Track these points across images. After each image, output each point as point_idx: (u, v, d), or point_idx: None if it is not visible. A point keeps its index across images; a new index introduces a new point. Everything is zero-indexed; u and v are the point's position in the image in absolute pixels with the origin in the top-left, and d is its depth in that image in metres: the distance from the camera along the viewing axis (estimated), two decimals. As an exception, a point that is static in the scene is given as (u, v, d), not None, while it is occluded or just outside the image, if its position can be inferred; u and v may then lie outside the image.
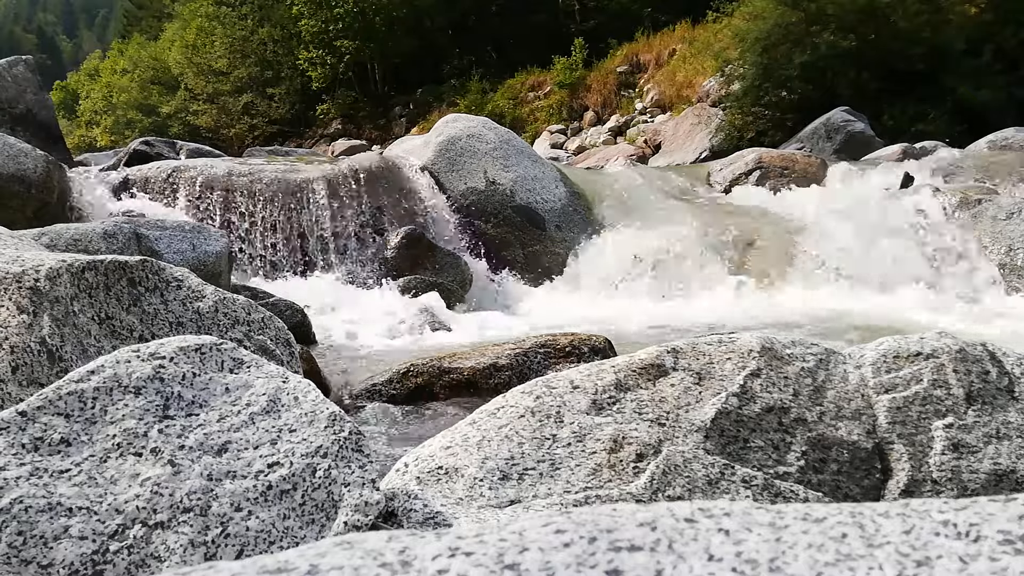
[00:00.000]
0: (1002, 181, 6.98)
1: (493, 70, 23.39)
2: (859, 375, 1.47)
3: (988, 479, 1.35)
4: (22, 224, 4.18)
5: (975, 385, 1.43)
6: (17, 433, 1.12)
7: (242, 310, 2.12)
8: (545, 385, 1.50)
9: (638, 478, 1.32)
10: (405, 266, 5.88)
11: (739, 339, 1.52)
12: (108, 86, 36.89)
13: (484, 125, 7.33)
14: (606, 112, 19.70)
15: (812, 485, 1.35)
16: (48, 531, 1.03)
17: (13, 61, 7.11)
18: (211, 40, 28.21)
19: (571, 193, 7.08)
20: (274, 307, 4.02)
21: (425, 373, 3.07)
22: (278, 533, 1.10)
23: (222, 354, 1.29)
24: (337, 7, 23.66)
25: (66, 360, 1.74)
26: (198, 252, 4.30)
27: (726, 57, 13.95)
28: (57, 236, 3.61)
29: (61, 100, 41.97)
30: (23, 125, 6.77)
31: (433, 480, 1.38)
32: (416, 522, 1.21)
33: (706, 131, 13.42)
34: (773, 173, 7.61)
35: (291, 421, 1.21)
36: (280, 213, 6.20)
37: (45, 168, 5.43)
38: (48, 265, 1.81)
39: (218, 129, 28.14)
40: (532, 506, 1.29)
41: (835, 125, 10.28)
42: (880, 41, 11.88)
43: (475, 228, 6.62)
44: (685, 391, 1.44)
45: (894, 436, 1.40)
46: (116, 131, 34.03)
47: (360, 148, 17.43)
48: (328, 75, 25.02)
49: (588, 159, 15.07)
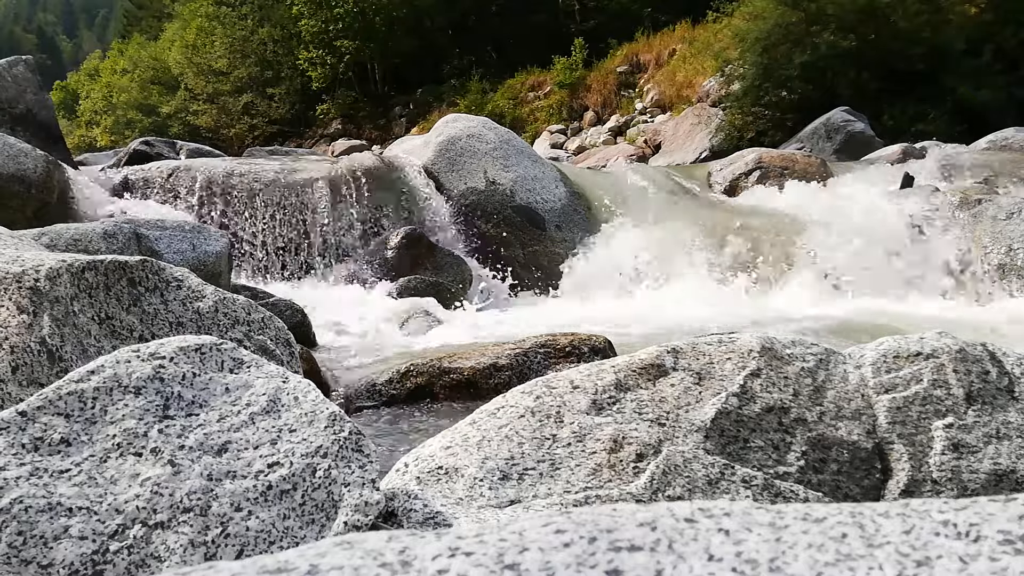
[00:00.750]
0: (1002, 181, 6.98)
1: (493, 70, 23.39)
2: (859, 375, 1.47)
3: (988, 479, 1.35)
4: (22, 224, 4.18)
5: (975, 385, 1.43)
6: (17, 433, 1.12)
7: (242, 310, 2.12)
8: (545, 385, 1.50)
9: (638, 478, 1.32)
10: (405, 266, 5.88)
11: (739, 339, 1.52)
12: (108, 86, 36.90)
13: (484, 125, 7.33)
14: (606, 112, 19.70)
15: (812, 485, 1.35)
16: (48, 531, 1.03)
17: (13, 61, 7.11)
18: (211, 40, 28.22)
19: (571, 193, 7.08)
20: (274, 307, 4.01)
21: (425, 373, 3.07)
22: (278, 533, 1.10)
23: (222, 354, 1.29)
24: (337, 7, 23.67)
25: (66, 360, 1.74)
26: (198, 252, 4.30)
27: (726, 57, 13.96)
28: (57, 236, 3.61)
29: (61, 100, 41.99)
30: (23, 125, 6.77)
31: (433, 480, 1.38)
32: (416, 522, 1.21)
33: (706, 131, 13.43)
34: (773, 173, 7.61)
35: (291, 421, 1.21)
36: (280, 213, 6.20)
37: (45, 168, 5.43)
38: (48, 265, 1.81)
39: (218, 129, 28.15)
40: (532, 506, 1.29)
41: (835, 125, 10.28)
42: (880, 41, 11.88)
43: (475, 228, 6.61)
44: (685, 391, 1.44)
45: (894, 436, 1.40)
46: (116, 131, 34.04)
47: (360, 148, 17.42)
48: (328, 75, 25.03)
49: (588, 159, 15.07)
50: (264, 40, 27.39)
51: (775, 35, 12.42)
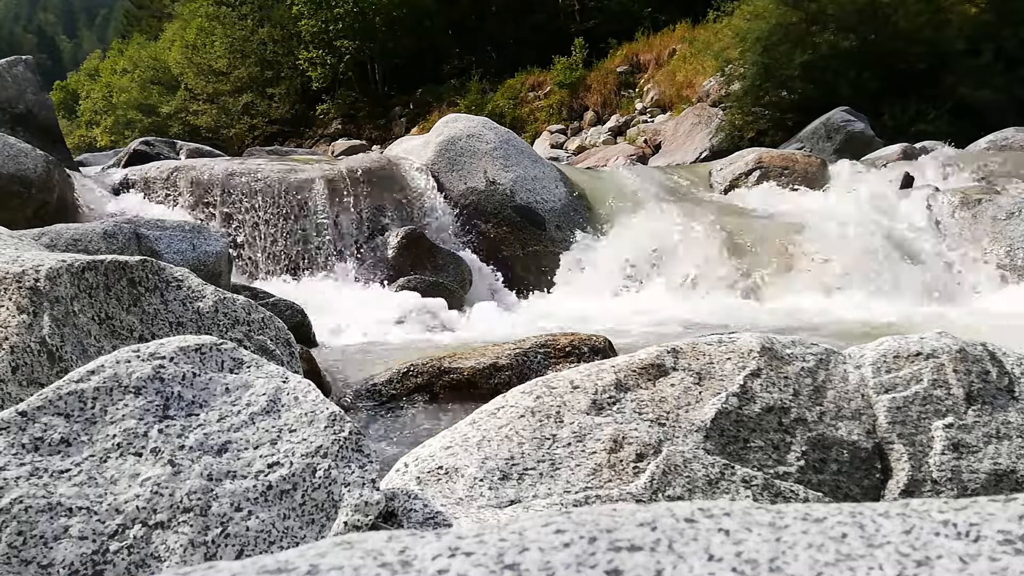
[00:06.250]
0: (1002, 181, 6.98)
1: (493, 70, 23.37)
2: (859, 375, 1.47)
3: (988, 479, 1.35)
4: (22, 224, 4.18)
5: (975, 385, 1.43)
6: (17, 433, 1.12)
7: (242, 310, 2.12)
8: (545, 385, 1.50)
9: (638, 478, 1.32)
10: (405, 266, 5.88)
11: (739, 339, 1.52)
12: (108, 86, 36.88)
13: (484, 125, 7.33)
14: (606, 112, 19.69)
15: (812, 485, 1.35)
16: (48, 531, 1.03)
17: (13, 61, 7.11)
18: (211, 40, 28.20)
19: (571, 193, 7.08)
20: (274, 307, 4.01)
21: (425, 373, 3.07)
22: (278, 533, 1.10)
23: (222, 354, 1.29)
24: (337, 7, 23.66)
25: (66, 360, 1.74)
26: (198, 252, 4.29)
27: (726, 57, 13.95)
28: (57, 236, 3.61)
29: (61, 100, 41.98)
30: (23, 125, 6.77)
31: (433, 480, 1.38)
32: (416, 522, 1.21)
33: (706, 131, 13.42)
34: (773, 173, 7.61)
35: (291, 421, 1.21)
36: (280, 213, 6.20)
37: (45, 168, 5.43)
38: (48, 265, 1.81)
39: (218, 129, 28.14)
40: (532, 506, 1.29)
41: (835, 125, 10.28)
42: (880, 41, 11.87)
43: (475, 228, 6.62)
44: (685, 391, 1.44)
45: (894, 436, 1.40)
46: (116, 131, 34.03)
47: (360, 148, 17.43)
48: (328, 75, 25.02)
49: (588, 159, 15.06)
50: (264, 40, 27.38)
51: (775, 35, 12.42)
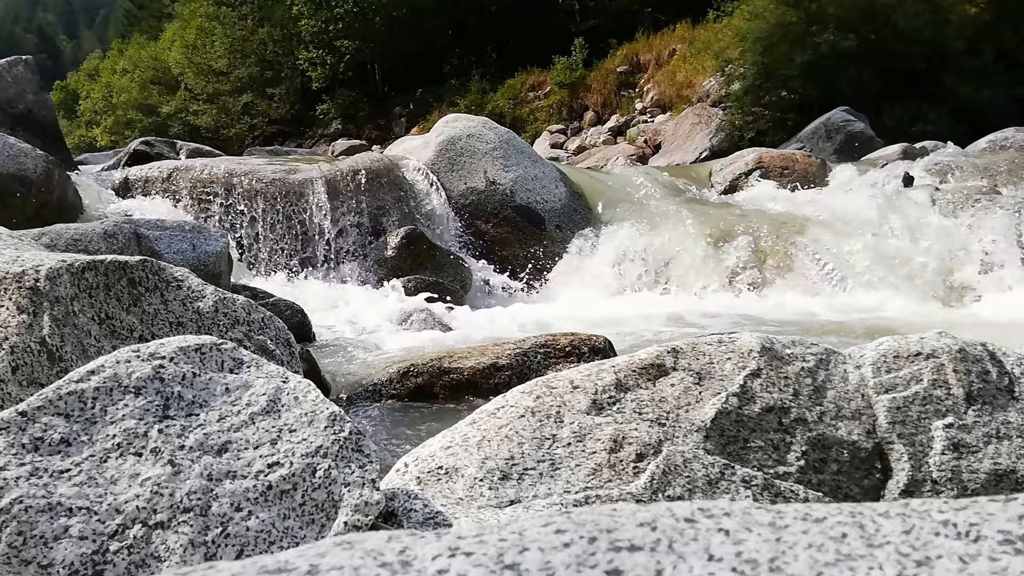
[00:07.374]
0: (1002, 181, 6.98)
1: (493, 70, 23.36)
2: (859, 375, 1.47)
3: (988, 479, 1.35)
4: (22, 224, 4.18)
5: (975, 385, 1.43)
6: (17, 433, 1.12)
7: (242, 310, 2.12)
8: (545, 385, 1.50)
9: (638, 478, 1.32)
10: (405, 266, 5.88)
11: (739, 339, 1.52)
12: (108, 86, 36.88)
13: (484, 125, 7.33)
14: (606, 112, 19.68)
15: (812, 485, 1.35)
16: (48, 531, 1.03)
17: (13, 61, 7.11)
18: (211, 40, 28.20)
19: (571, 193, 7.08)
20: (274, 307, 4.01)
21: (425, 373, 3.07)
22: (278, 533, 1.10)
23: (222, 354, 1.29)
24: (337, 7, 23.65)
25: (66, 360, 1.74)
26: (198, 252, 4.29)
27: (726, 57, 13.94)
28: (57, 236, 3.61)
29: (61, 100, 41.95)
30: (23, 125, 6.77)
31: (433, 480, 1.38)
32: (416, 522, 1.21)
33: (706, 131, 13.42)
34: (773, 173, 7.61)
35: (291, 421, 1.21)
36: (280, 213, 6.20)
37: (45, 168, 5.43)
38: (48, 265, 1.81)
39: (218, 129, 28.13)
40: (532, 506, 1.29)
41: (835, 125, 10.28)
42: (880, 41, 11.87)
43: (475, 228, 6.62)
44: (685, 391, 1.44)
45: (894, 436, 1.40)
46: (116, 131, 34.03)
47: (360, 148, 17.39)
48: (328, 75, 25.01)
49: (588, 159, 15.06)
50: (264, 40, 27.36)
51: (775, 35, 12.42)
